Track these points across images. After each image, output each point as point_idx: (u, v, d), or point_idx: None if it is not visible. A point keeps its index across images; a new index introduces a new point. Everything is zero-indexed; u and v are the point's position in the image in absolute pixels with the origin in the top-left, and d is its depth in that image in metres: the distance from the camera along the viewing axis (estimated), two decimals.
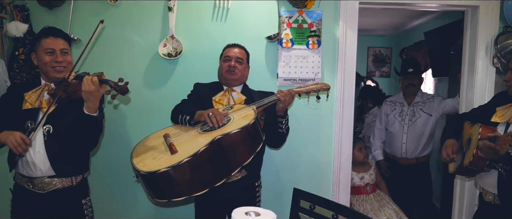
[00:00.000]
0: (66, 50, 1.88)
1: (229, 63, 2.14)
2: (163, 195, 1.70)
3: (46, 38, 1.84)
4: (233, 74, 2.14)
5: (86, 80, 1.66)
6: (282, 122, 2.04)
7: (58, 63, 1.83)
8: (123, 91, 1.69)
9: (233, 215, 1.10)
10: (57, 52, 1.83)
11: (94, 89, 1.65)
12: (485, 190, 1.90)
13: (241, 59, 2.18)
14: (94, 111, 1.73)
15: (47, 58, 1.82)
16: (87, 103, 1.70)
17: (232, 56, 2.16)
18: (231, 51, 2.19)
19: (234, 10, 2.53)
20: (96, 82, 1.66)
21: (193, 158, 1.64)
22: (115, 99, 2.22)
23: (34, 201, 1.85)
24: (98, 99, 1.71)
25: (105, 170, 2.58)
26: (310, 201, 1.65)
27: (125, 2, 2.51)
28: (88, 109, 1.71)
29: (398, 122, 3.19)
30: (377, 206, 2.81)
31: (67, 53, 1.88)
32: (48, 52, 1.82)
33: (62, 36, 1.89)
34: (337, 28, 2.56)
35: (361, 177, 2.87)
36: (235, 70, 2.13)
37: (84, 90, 1.66)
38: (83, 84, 1.66)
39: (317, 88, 2.11)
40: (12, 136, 1.65)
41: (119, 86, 1.68)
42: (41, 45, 1.83)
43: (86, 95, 1.67)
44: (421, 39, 4.71)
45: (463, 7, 2.66)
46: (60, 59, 1.83)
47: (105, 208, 2.57)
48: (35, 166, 1.81)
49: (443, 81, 4.31)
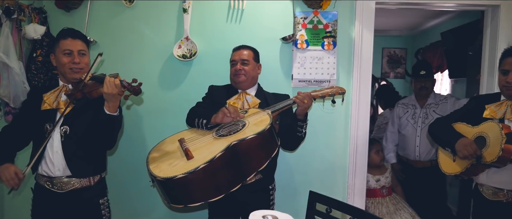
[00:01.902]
0: (83, 51, 1.90)
1: (235, 67, 2.14)
2: (179, 200, 1.70)
3: (65, 39, 1.86)
4: (240, 76, 2.12)
5: (108, 82, 1.69)
6: (302, 126, 2.01)
7: (76, 64, 1.85)
8: (136, 92, 1.71)
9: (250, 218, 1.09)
10: (75, 53, 1.86)
11: (116, 91, 1.69)
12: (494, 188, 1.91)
13: (247, 60, 2.15)
14: (114, 111, 1.75)
15: (65, 59, 1.85)
16: (108, 103, 1.73)
17: (237, 59, 2.16)
18: (236, 55, 2.18)
19: (248, 11, 2.53)
20: (118, 85, 1.68)
21: (209, 164, 1.64)
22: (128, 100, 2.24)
23: (53, 200, 1.87)
24: (119, 99, 1.74)
25: (121, 170, 2.60)
26: (327, 204, 1.63)
27: (140, 4, 2.52)
28: (108, 109, 1.74)
29: (411, 124, 3.14)
30: (393, 209, 2.77)
31: (84, 55, 1.91)
32: (66, 53, 1.85)
33: (80, 37, 1.91)
34: (353, 29, 2.53)
35: (377, 179, 2.83)
36: (241, 72, 2.12)
37: (106, 92, 1.69)
38: (105, 86, 1.69)
39: (332, 92, 2.07)
40: (6, 170, 1.74)
41: (132, 86, 1.70)
42: (59, 46, 1.86)
43: (108, 96, 1.70)
44: (438, 39, 4.64)
45: (483, 7, 2.61)
46: (77, 60, 1.85)
47: (121, 209, 2.59)
48: (53, 166, 1.84)
49: (460, 83, 4.23)
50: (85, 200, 1.91)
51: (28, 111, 1.91)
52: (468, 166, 1.92)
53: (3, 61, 2.14)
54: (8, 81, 2.20)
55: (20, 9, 2.32)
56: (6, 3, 2.21)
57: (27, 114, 1.91)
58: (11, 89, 2.22)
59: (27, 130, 1.90)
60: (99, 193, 1.98)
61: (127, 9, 2.52)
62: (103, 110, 1.74)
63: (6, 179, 1.71)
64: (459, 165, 1.97)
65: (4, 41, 2.18)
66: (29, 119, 1.88)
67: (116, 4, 2.52)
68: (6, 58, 2.15)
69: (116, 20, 2.52)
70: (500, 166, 1.81)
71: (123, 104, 2.54)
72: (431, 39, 4.99)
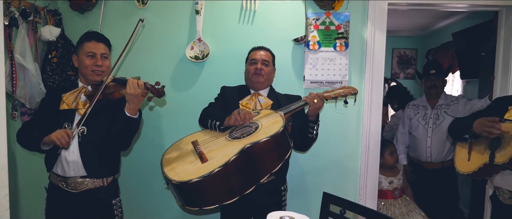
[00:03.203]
0: (106, 55, 1.94)
1: (256, 66, 2.14)
2: (194, 203, 1.72)
3: (89, 42, 1.90)
4: (259, 77, 2.14)
5: (132, 83, 1.72)
6: (314, 127, 2.02)
7: (98, 67, 1.89)
8: (160, 94, 1.74)
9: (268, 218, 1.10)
10: (98, 56, 1.90)
11: (139, 92, 1.72)
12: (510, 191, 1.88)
13: (267, 61, 2.18)
14: (135, 113, 1.78)
15: (88, 61, 1.89)
16: (129, 105, 1.76)
17: (258, 58, 2.16)
18: (257, 54, 2.19)
19: (260, 12, 2.54)
20: (141, 86, 1.72)
21: (223, 168, 1.65)
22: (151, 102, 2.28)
23: (67, 200, 1.90)
24: (141, 101, 1.77)
25: (134, 171, 2.63)
26: (341, 205, 1.63)
27: (153, 6, 2.55)
28: (129, 111, 1.76)
29: (422, 125, 3.12)
30: (405, 211, 2.76)
31: (106, 58, 1.95)
32: (90, 55, 1.89)
33: (104, 41, 1.96)
34: (365, 30, 2.52)
35: (390, 181, 2.81)
36: (261, 72, 2.13)
37: (129, 93, 1.72)
38: (128, 87, 1.72)
39: (344, 92, 2.07)
40: (56, 132, 1.74)
41: (156, 88, 1.73)
42: (83, 48, 1.90)
43: (131, 97, 1.73)
44: (449, 40, 4.60)
45: (497, 7, 2.58)
46: (100, 63, 1.89)
47: (134, 209, 2.61)
48: (68, 165, 1.87)
49: (472, 84, 4.19)
50: (98, 200, 1.93)
51: (47, 109, 1.94)
52: (481, 166, 1.89)
53: (19, 62, 2.17)
54: (25, 82, 2.23)
55: (36, 11, 2.36)
56: (23, 6, 2.24)
57: (46, 111, 1.93)
58: (27, 90, 2.25)
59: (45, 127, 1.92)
60: (112, 193, 2.01)
61: (140, 10, 2.55)
62: (123, 112, 1.77)
63: (58, 138, 1.71)
64: (473, 164, 1.94)
65: (21, 43, 2.21)
66: (48, 117, 1.90)
67: (129, 6, 2.55)
68: (22, 59, 2.18)
69: (129, 22, 2.55)
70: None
71: (144, 107, 2.57)
72: (442, 40, 4.95)
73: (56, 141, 1.71)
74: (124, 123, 1.78)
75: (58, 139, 1.71)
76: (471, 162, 1.97)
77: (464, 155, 2.03)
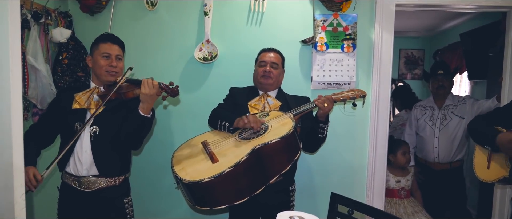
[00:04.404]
0: (120, 56, 1.99)
1: (264, 68, 2.15)
2: (205, 203, 1.74)
3: (104, 43, 1.95)
4: (268, 79, 2.15)
5: (147, 83, 1.75)
6: (324, 127, 2.03)
7: (113, 67, 1.93)
8: (174, 93, 1.78)
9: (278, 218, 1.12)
10: (113, 57, 1.94)
11: (154, 92, 1.75)
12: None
13: (276, 64, 2.19)
14: (148, 112, 1.82)
15: (103, 62, 1.93)
16: (143, 105, 1.79)
17: (267, 61, 2.18)
18: (266, 56, 2.20)
19: (268, 14, 2.55)
20: (156, 86, 1.75)
21: (234, 168, 1.67)
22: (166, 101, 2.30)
23: (79, 199, 1.93)
24: (154, 100, 1.80)
25: (145, 170, 2.66)
26: (349, 206, 1.64)
27: (162, 8, 2.58)
28: (143, 110, 1.80)
29: (429, 126, 3.12)
30: (410, 211, 2.76)
31: (120, 60, 1.99)
32: (105, 56, 1.93)
33: (118, 43, 2.00)
34: (373, 31, 2.53)
35: (397, 180, 2.82)
36: (270, 75, 2.15)
37: (144, 93, 1.76)
38: (143, 87, 1.75)
39: (353, 95, 2.08)
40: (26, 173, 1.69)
41: (170, 88, 1.77)
42: (98, 49, 1.94)
43: (145, 97, 1.77)
44: (456, 40, 4.58)
45: (505, 8, 2.57)
46: (114, 64, 1.94)
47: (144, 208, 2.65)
48: (81, 165, 1.90)
49: (480, 84, 4.17)
50: (110, 199, 1.96)
51: (57, 109, 1.97)
52: (501, 178, 1.84)
53: (31, 64, 2.21)
54: (36, 83, 2.27)
55: (47, 13, 2.40)
56: (35, 8, 2.28)
57: (55, 112, 1.96)
58: (38, 91, 2.29)
59: (54, 128, 1.97)
60: (124, 192, 2.03)
61: (149, 12, 2.58)
62: (137, 111, 1.80)
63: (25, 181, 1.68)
64: (494, 174, 1.90)
65: (33, 44, 2.25)
66: (58, 117, 1.94)
67: (139, 8, 2.58)
68: (34, 61, 2.22)
69: (139, 24, 2.58)
70: None
71: (158, 106, 2.59)
72: (449, 41, 4.93)
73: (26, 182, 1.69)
74: (138, 121, 1.82)
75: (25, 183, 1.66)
76: (491, 172, 1.93)
77: (483, 161, 1.98)
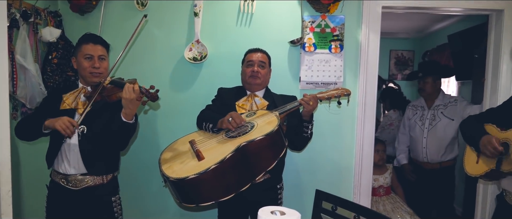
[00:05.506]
0: (103, 56, 1.98)
1: (252, 68, 2.19)
2: (191, 200, 1.76)
3: (86, 44, 1.94)
4: (256, 79, 2.18)
5: (128, 88, 1.74)
6: (308, 126, 2.07)
7: (95, 69, 1.93)
8: (154, 98, 1.77)
9: (259, 213, 1.14)
10: (95, 58, 1.94)
11: (134, 97, 1.74)
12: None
13: (264, 63, 2.22)
14: (131, 118, 1.81)
15: (86, 63, 1.93)
16: (125, 110, 1.78)
17: (254, 60, 2.21)
18: (254, 56, 2.23)
19: (258, 15, 2.59)
20: (137, 91, 1.73)
21: (220, 165, 1.70)
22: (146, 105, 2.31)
23: (67, 197, 1.94)
24: (137, 107, 1.79)
25: (133, 170, 2.67)
26: (332, 202, 1.68)
27: (152, 8, 2.59)
28: (125, 116, 1.79)
29: (419, 126, 3.16)
30: (390, 208, 2.82)
31: (104, 60, 1.98)
32: (87, 57, 1.93)
33: (101, 43, 1.99)
34: (360, 32, 2.58)
35: (375, 179, 2.86)
36: (258, 75, 2.18)
37: (125, 98, 1.74)
38: (124, 92, 1.75)
39: (338, 94, 2.12)
40: (60, 120, 1.77)
41: (150, 93, 1.76)
42: (81, 51, 1.94)
43: (126, 102, 1.75)
44: (444, 42, 4.65)
45: (487, 11, 2.63)
46: (97, 65, 1.93)
47: (133, 207, 2.66)
48: (69, 163, 1.91)
49: (466, 85, 4.24)
50: (98, 197, 1.97)
51: (48, 107, 1.98)
52: (488, 171, 1.91)
53: (20, 63, 2.21)
54: (25, 83, 2.27)
55: (36, 12, 2.40)
56: (24, 7, 2.29)
57: (47, 109, 1.97)
58: (27, 91, 2.29)
59: None
60: (112, 191, 2.05)
61: (140, 12, 2.59)
62: (119, 116, 1.80)
63: (63, 128, 1.74)
64: (481, 168, 1.97)
65: (22, 44, 2.25)
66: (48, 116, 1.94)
67: (129, 8, 2.59)
68: (23, 60, 2.22)
69: (129, 23, 2.59)
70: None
71: (140, 111, 2.61)
72: (438, 42, 5.01)
73: (60, 130, 1.74)
74: (120, 127, 1.81)
75: (62, 128, 1.74)
76: (479, 166, 1.99)
77: (473, 158, 2.05)
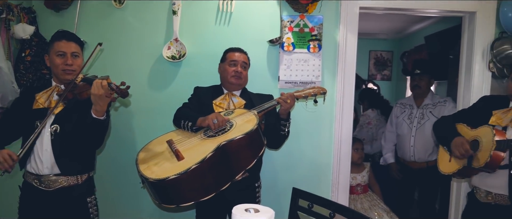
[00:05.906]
0: (77, 53, 1.94)
1: (236, 68, 2.18)
2: (171, 200, 1.75)
3: (59, 41, 1.90)
4: (239, 79, 2.19)
5: (96, 84, 1.70)
6: (285, 124, 2.09)
7: (68, 66, 1.89)
8: (124, 95, 1.72)
9: (233, 211, 1.15)
10: (68, 55, 1.90)
11: (103, 93, 1.69)
12: (485, 190, 1.96)
13: (246, 64, 2.24)
14: (101, 115, 1.77)
15: (58, 60, 1.89)
16: (95, 107, 1.74)
17: (238, 60, 2.20)
18: (236, 56, 2.22)
19: (237, 14, 2.59)
20: (105, 86, 1.69)
21: (200, 165, 1.69)
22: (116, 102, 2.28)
23: (41, 198, 1.90)
24: (107, 103, 1.75)
25: (110, 169, 2.63)
26: (309, 200, 1.70)
27: (130, 6, 2.56)
28: (96, 113, 1.75)
29: (407, 124, 3.15)
30: (367, 205, 2.86)
31: (77, 57, 1.94)
32: (60, 54, 1.89)
33: (74, 40, 1.95)
34: (338, 32, 2.61)
35: (353, 177, 2.90)
36: (241, 75, 2.19)
37: (93, 94, 1.70)
38: (93, 88, 1.71)
39: (314, 92, 2.15)
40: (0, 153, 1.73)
41: (120, 89, 1.71)
42: (53, 48, 1.90)
43: (95, 98, 1.71)
44: (422, 43, 4.76)
45: (460, 13, 2.71)
46: (70, 62, 1.89)
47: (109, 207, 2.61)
48: (42, 163, 1.87)
49: (442, 85, 4.36)
50: (72, 198, 1.93)
51: (19, 108, 1.93)
52: (460, 168, 1.98)
53: None
54: None
55: (8, 8, 2.33)
56: None
57: (17, 110, 1.93)
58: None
59: (16, 126, 1.93)
60: (87, 191, 2.00)
61: (117, 10, 2.56)
62: (90, 113, 1.76)
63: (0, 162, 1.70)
64: (454, 165, 2.03)
65: None
66: (20, 116, 1.90)
67: (106, 5, 2.55)
68: None
69: (106, 21, 2.56)
70: (489, 171, 1.87)
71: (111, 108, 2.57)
72: (415, 43, 5.12)
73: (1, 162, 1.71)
74: (91, 124, 1.78)
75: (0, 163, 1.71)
76: (452, 164, 2.05)
77: (446, 156, 2.11)
